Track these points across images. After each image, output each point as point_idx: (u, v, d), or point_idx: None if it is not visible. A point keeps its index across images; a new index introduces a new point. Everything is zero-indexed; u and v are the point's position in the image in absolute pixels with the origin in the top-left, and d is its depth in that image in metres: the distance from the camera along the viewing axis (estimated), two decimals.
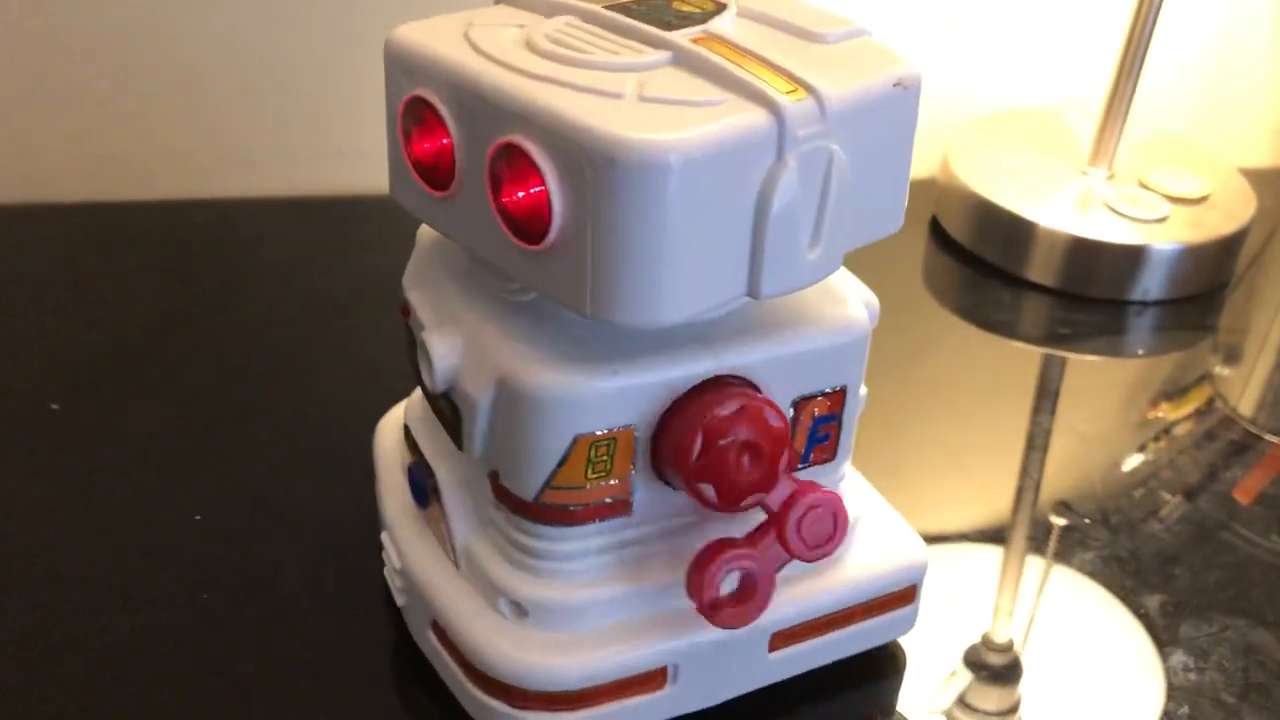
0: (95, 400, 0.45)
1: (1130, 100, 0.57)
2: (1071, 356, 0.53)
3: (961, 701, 0.36)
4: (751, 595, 0.30)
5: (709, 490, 0.29)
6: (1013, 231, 0.57)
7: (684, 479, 0.30)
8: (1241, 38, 0.70)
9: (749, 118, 0.26)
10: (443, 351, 0.30)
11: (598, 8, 0.30)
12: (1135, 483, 0.46)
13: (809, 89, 0.27)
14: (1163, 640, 0.38)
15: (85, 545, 0.39)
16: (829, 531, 0.31)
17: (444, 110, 0.28)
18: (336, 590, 0.38)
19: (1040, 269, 0.56)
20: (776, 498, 0.30)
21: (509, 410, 0.29)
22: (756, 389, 0.31)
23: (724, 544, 0.30)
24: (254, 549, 0.39)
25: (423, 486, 0.34)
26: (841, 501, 0.31)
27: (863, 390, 0.35)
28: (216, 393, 0.46)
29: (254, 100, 0.58)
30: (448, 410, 0.32)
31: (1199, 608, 0.40)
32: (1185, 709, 0.36)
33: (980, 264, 0.58)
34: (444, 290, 0.32)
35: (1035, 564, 0.41)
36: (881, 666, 0.37)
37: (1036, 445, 0.47)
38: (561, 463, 0.29)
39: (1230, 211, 0.58)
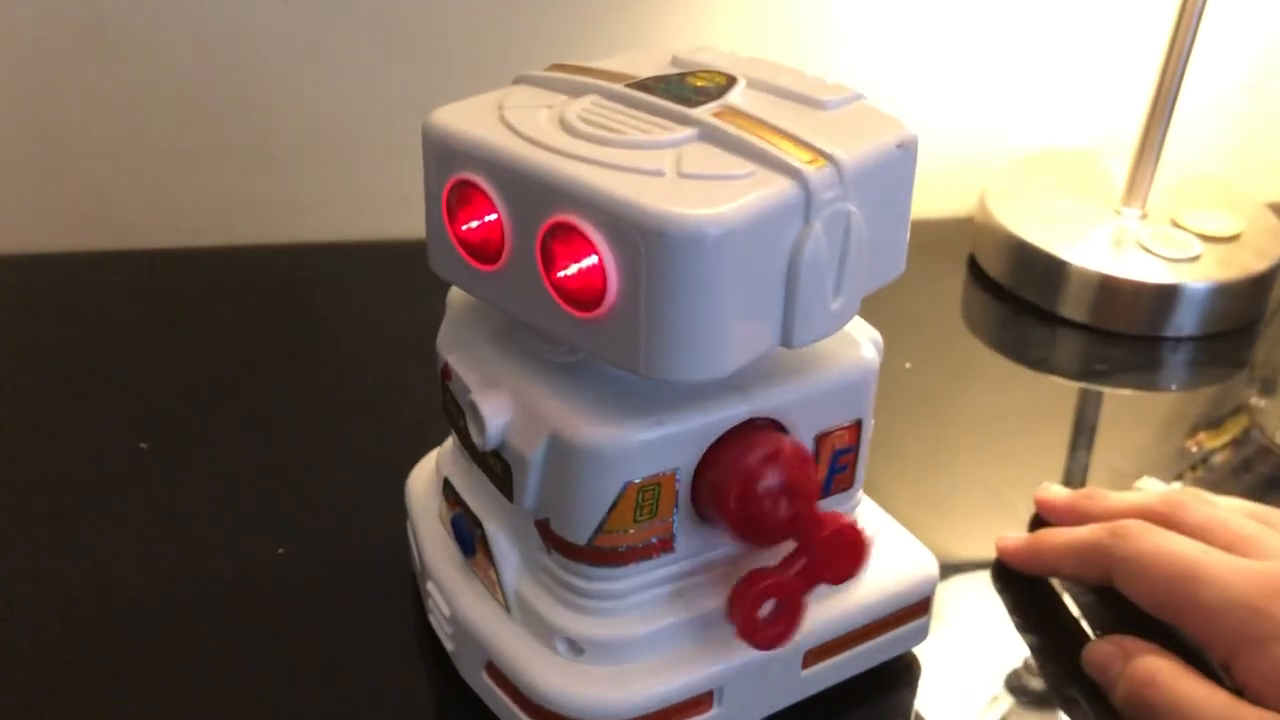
0: (181, 440, 0.48)
1: (1163, 142, 0.59)
2: (1107, 391, 0.55)
3: None
4: (786, 618, 0.33)
5: (748, 531, 0.32)
6: (1048, 270, 0.58)
7: (725, 521, 0.32)
8: (1271, 75, 0.71)
9: (779, 189, 0.29)
10: (492, 412, 0.32)
11: (620, 87, 0.32)
12: None
13: (828, 157, 0.30)
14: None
15: (171, 578, 0.41)
16: (854, 557, 0.34)
17: (491, 191, 0.30)
18: (396, 627, 0.40)
19: (1075, 307, 0.58)
20: (806, 530, 0.33)
21: (561, 463, 0.32)
22: (784, 428, 0.33)
23: (760, 574, 0.33)
24: (333, 582, 0.41)
25: (469, 536, 0.36)
26: (861, 529, 0.33)
27: (872, 420, 0.38)
28: (297, 432, 0.49)
29: (325, 149, 0.62)
30: (497, 467, 0.34)
31: None
32: None
33: (1017, 302, 0.60)
34: (483, 353, 0.34)
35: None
36: (900, 675, 0.39)
37: (1074, 479, 0.49)
38: (612, 509, 0.32)
39: (1262, 249, 0.60)
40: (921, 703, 0.38)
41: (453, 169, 0.31)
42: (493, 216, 0.31)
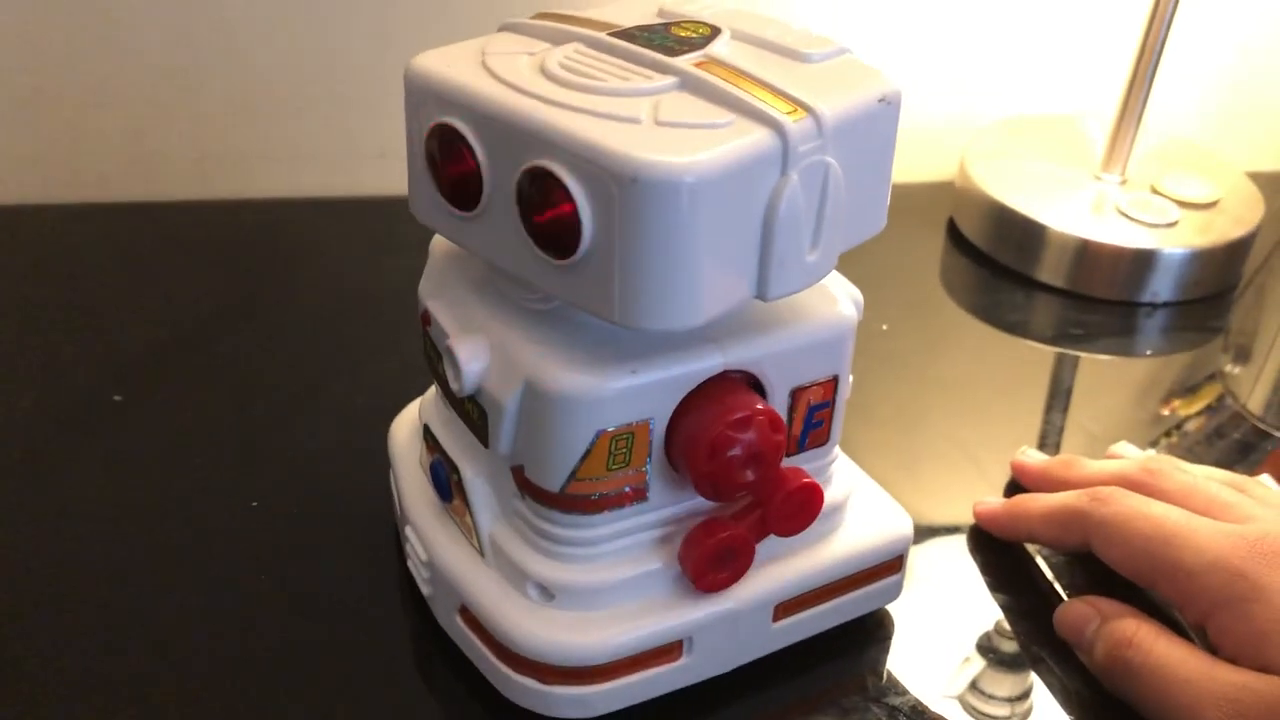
0: (155, 392, 0.48)
1: (1143, 108, 0.59)
2: (1083, 356, 0.55)
3: (974, 687, 0.38)
4: (735, 565, 0.34)
5: (711, 491, 0.32)
6: (1027, 235, 0.59)
7: (692, 478, 0.32)
8: (1251, 45, 0.71)
9: (756, 138, 0.29)
10: (468, 357, 0.32)
11: (603, 35, 0.32)
12: None
13: (807, 109, 0.30)
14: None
15: (146, 529, 0.41)
16: (807, 514, 0.34)
17: (470, 136, 0.30)
18: (376, 574, 0.40)
19: (1053, 271, 0.59)
20: (766, 489, 0.33)
21: (536, 410, 0.32)
22: (759, 382, 0.33)
23: (716, 524, 0.33)
24: (305, 534, 0.41)
25: (446, 482, 0.36)
26: (818, 487, 0.34)
27: (850, 377, 0.38)
28: (271, 385, 0.48)
29: (302, 104, 0.61)
30: (474, 412, 0.34)
31: None
32: None
33: (995, 266, 0.60)
34: (463, 299, 0.34)
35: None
36: (872, 632, 0.40)
37: (1049, 442, 0.49)
38: (585, 456, 0.32)
39: (1239, 216, 0.60)
40: (893, 661, 0.39)
41: (433, 114, 0.31)
42: (471, 162, 0.31)
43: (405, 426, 0.41)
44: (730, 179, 0.28)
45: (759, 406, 0.32)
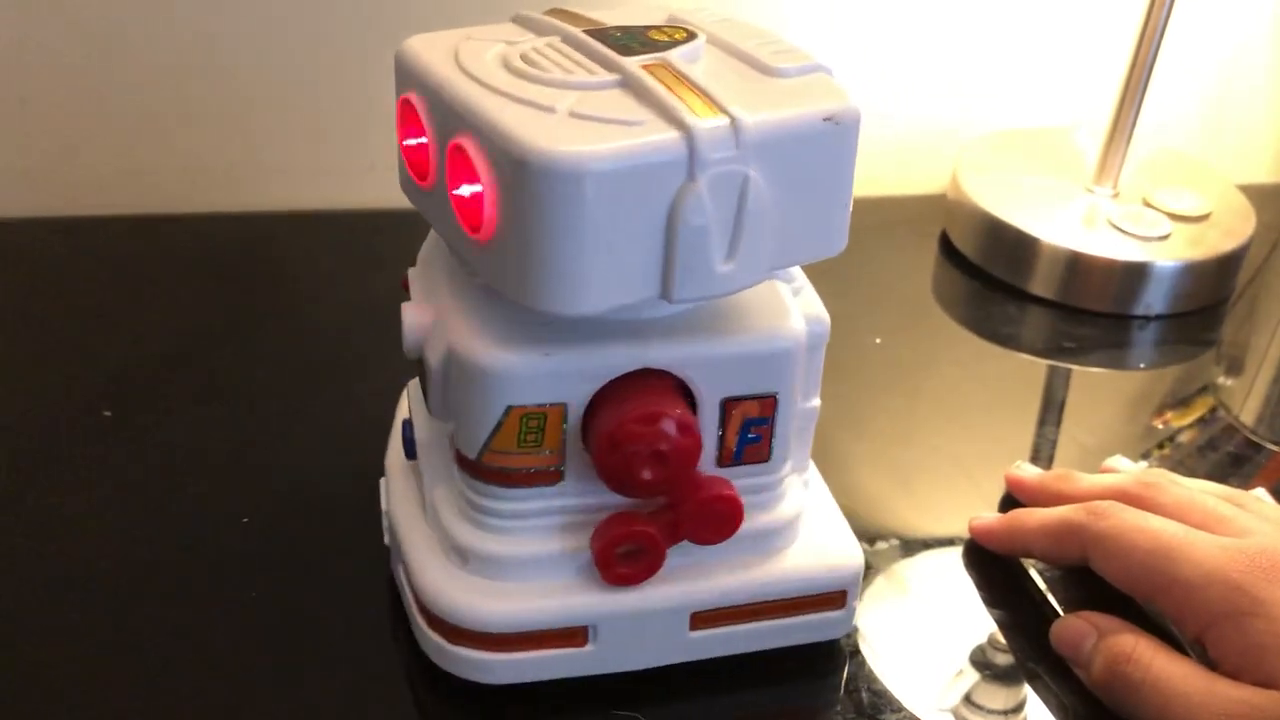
0: (146, 407, 0.47)
1: (1134, 121, 0.59)
2: (1076, 369, 0.55)
3: (969, 701, 0.38)
4: (644, 564, 0.34)
5: (614, 484, 0.33)
6: (1019, 247, 0.59)
7: (595, 467, 0.33)
8: (1242, 58, 0.71)
9: (660, 140, 0.29)
10: (409, 322, 0.34)
11: (578, 31, 0.34)
12: None
13: (729, 115, 0.30)
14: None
15: (137, 545, 0.41)
16: (723, 526, 0.34)
17: (421, 110, 0.32)
18: (366, 589, 0.40)
19: (1046, 284, 0.58)
20: (678, 491, 0.33)
21: (455, 377, 0.33)
22: (685, 386, 0.34)
23: (627, 517, 0.34)
24: (296, 549, 0.41)
25: (411, 440, 0.39)
26: (736, 502, 0.33)
27: (814, 402, 0.38)
28: (262, 398, 0.49)
29: (291, 117, 0.61)
30: (422, 374, 0.36)
31: None
32: None
33: (988, 278, 0.60)
34: (435, 270, 0.37)
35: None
36: (815, 665, 0.39)
37: (1042, 455, 0.49)
38: (496, 429, 0.33)
39: (1230, 229, 0.60)
40: (887, 676, 0.38)
41: (401, 87, 0.33)
42: (423, 134, 0.33)
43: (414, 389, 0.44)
44: (622, 174, 0.29)
45: (670, 409, 0.32)
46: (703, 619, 0.36)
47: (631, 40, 0.33)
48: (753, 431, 0.35)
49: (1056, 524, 0.39)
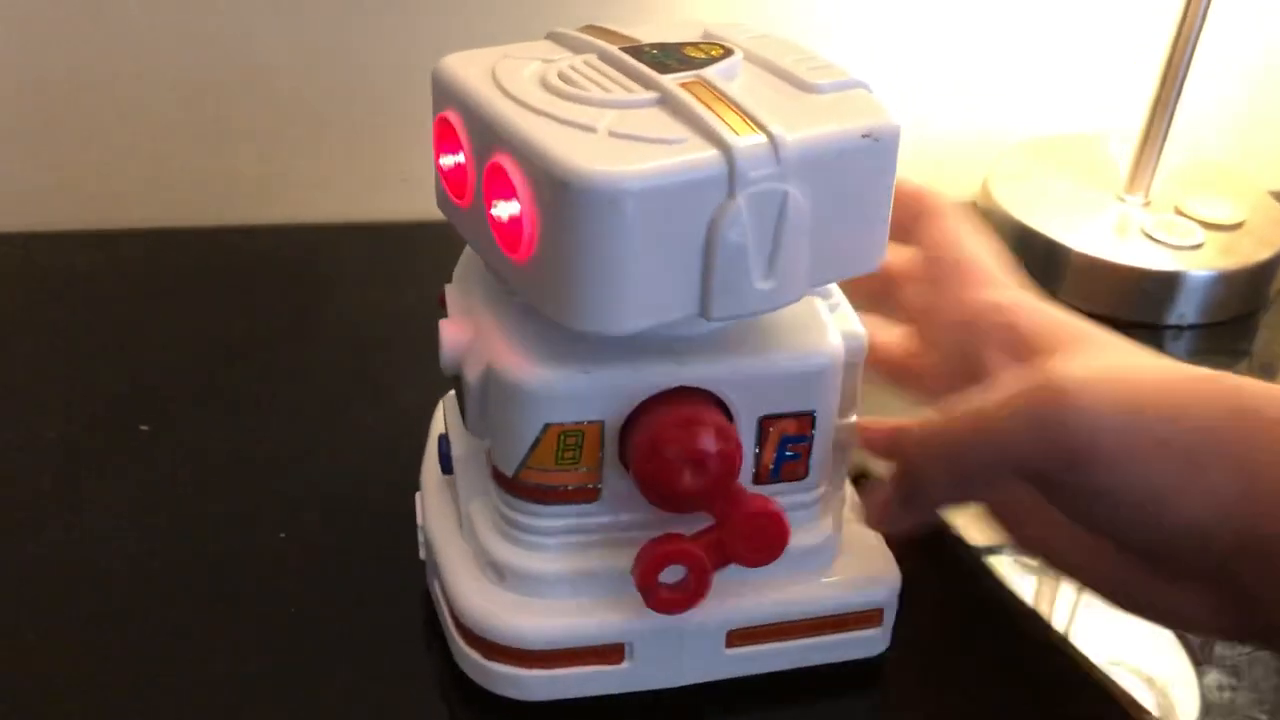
0: (183, 422, 0.48)
1: (1167, 129, 0.59)
2: None
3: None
4: (691, 587, 0.34)
5: (653, 494, 0.33)
6: (1050, 257, 0.58)
7: (636, 480, 0.33)
8: (1275, 63, 0.71)
9: (700, 158, 0.29)
10: (447, 339, 0.34)
11: (615, 48, 0.34)
12: None
13: (768, 133, 0.30)
14: (1199, 659, 0.40)
15: (174, 559, 0.41)
16: (770, 543, 0.34)
17: (460, 130, 0.32)
18: (402, 604, 0.40)
19: (1078, 293, 0.57)
20: (720, 507, 0.33)
21: (493, 394, 0.33)
22: (722, 403, 0.34)
23: (671, 537, 0.33)
24: (332, 563, 0.41)
25: (447, 455, 0.39)
26: (779, 517, 0.33)
27: (852, 419, 0.37)
28: (297, 412, 0.49)
29: (325, 129, 0.61)
30: (459, 391, 0.36)
31: None
32: None
33: None
34: (471, 286, 0.37)
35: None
36: (850, 680, 0.38)
37: None
38: (534, 446, 0.33)
39: (1264, 238, 0.60)
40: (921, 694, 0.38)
41: (439, 106, 0.33)
42: (461, 152, 0.33)
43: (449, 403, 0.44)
44: (664, 193, 0.29)
45: (708, 416, 0.32)
46: (739, 636, 0.36)
47: (668, 57, 0.33)
48: (790, 449, 0.35)
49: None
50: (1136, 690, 0.38)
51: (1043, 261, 0.59)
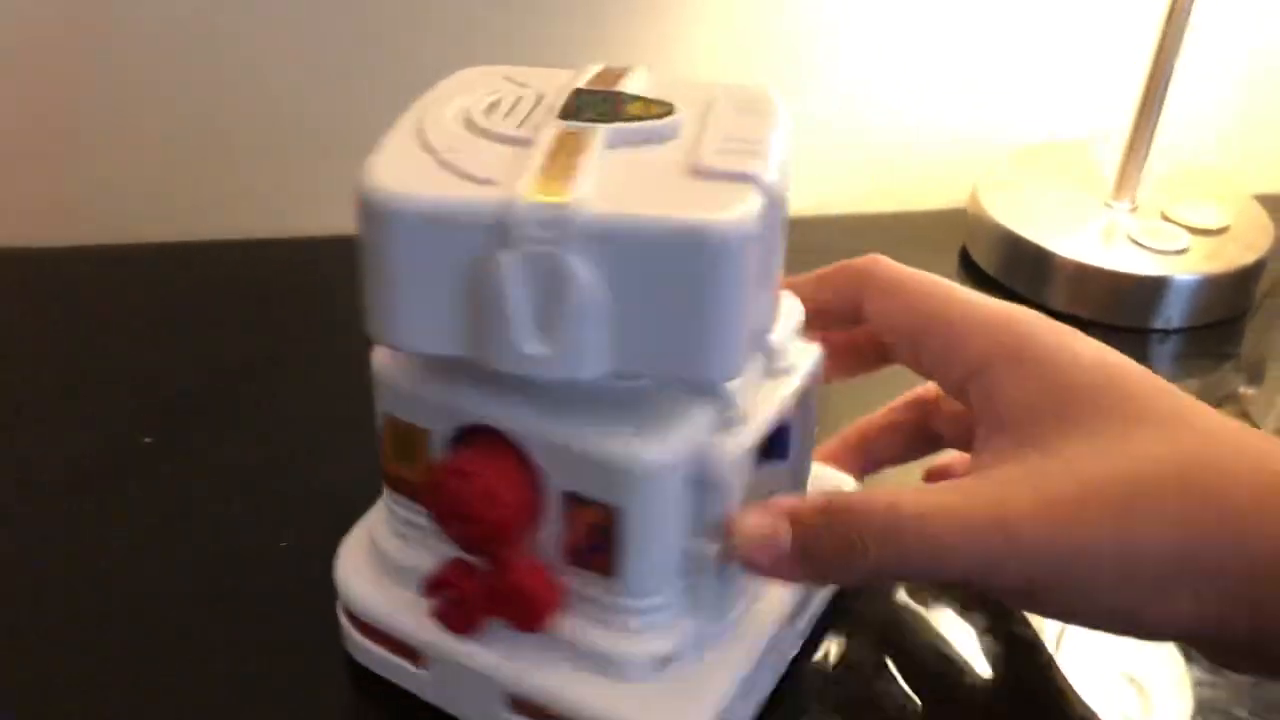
0: (187, 434, 0.48)
1: (1152, 135, 0.60)
2: None
3: None
4: (453, 612, 0.34)
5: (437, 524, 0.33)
6: (1038, 263, 0.60)
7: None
8: (1259, 70, 0.72)
9: (481, 200, 0.28)
10: None
11: (550, 90, 0.33)
12: None
13: (570, 199, 0.28)
14: (1186, 655, 0.40)
15: (179, 570, 0.42)
16: (527, 616, 0.33)
17: None
18: None
19: (1066, 299, 0.59)
20: (494, 563, 0.32)
21: None
22: (528, 459, 0.32)
23: (460, 564, 0.34)
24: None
25: None
26: (532, 594, 0.32)
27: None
28: (303, 424, 0.49)
29: (328, 143, 0.58)
30: None
31: None
32: None
33: (1008, 293, 0.60)
34: None
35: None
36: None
37: None
38: (382, 433, 0.35)
39: (1249, 242, 0.61)
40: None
41: None
42: None
43: None
44: (425, 221, 0.29)
45: (487, 473, 0.32)
46: (523, 707, 0.35)
47: (598, 107, 0.32)
48: (595, 540, 0.33)
49: (835, 270, 0.37)
50: (1121, 688, 0.39)
51: (1031, 267, 0.60)
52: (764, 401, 0.34)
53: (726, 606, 0.35)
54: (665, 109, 0.32)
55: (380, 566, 0.37)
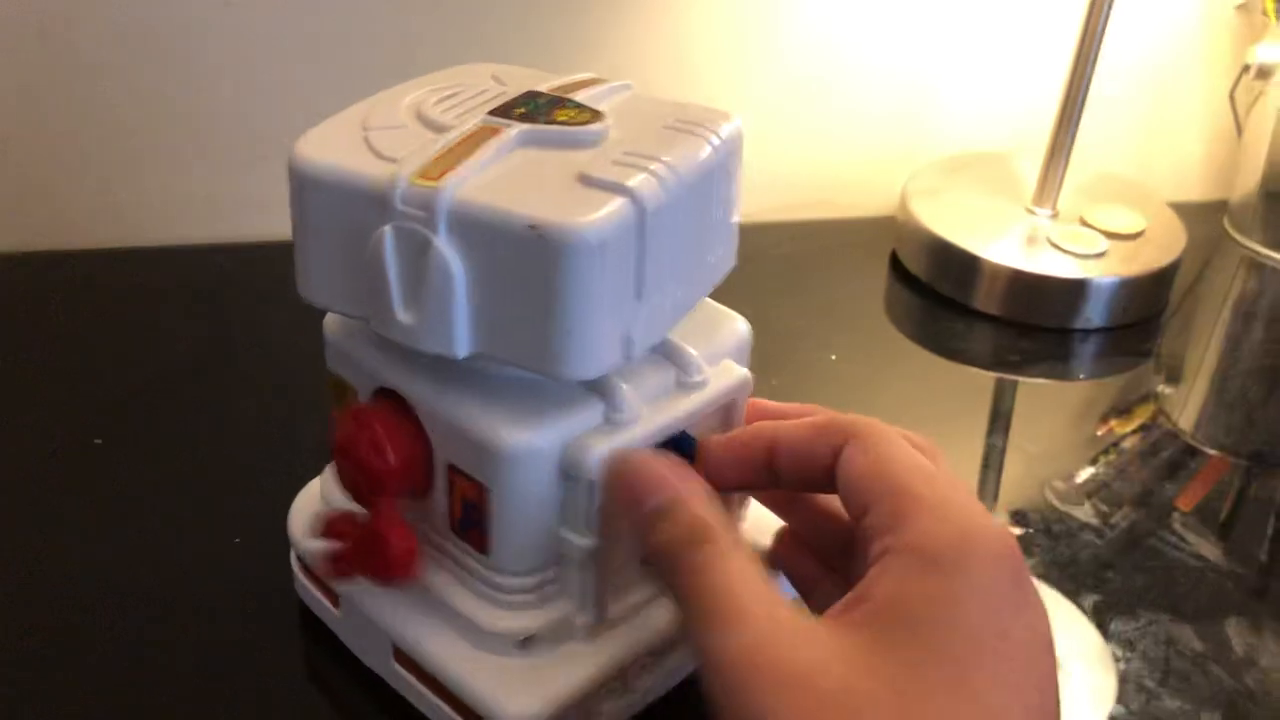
0: (136, 435, 0.48)
1: (1070, 145, 0.63)
2: (1021, 381, 0.58)
3: None
4: (339, 555, 0.36)
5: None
6: (965, 267, 0.63)
7: None
8: (1171, 84, 0.77)
9: (370, 175, 0.31)
10: None
11: (499, 90, 0.35)
12: (1080, 495, 0.50)
13: (440, 184, 0.30)
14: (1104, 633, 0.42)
15: (130, 569, 0.42)
16: (377, 566, 0.35)
17: None
18: None
19: (991, 301, 0.62)
20: (370, 508, 0.35)
21: None
22: (420, 426, 0.34)
23: (348, 516, 0.36)
24: (288, 572, 0.41)
25: None
26: (390, 543, 0.34)
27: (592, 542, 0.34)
28: (250, 425, 0.50)
29: (272, 148, 0.59)
30: None
31: (1128, 605, 0.44)
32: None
33: (936, 296, 0.63)
34: None
35: None
36: None
37: (990, 463, 0.52)
38: (327, 383, 0.38)
39: (1164, 246, 0.64)
40: None
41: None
42: None
43: None
44: (326, 188, 0.32)
45: (384, 423, 0.34)
46: (403, 661, 0.37)
47: (529, 107, 0.34)
48: (472, 515, 0.34)
49: (824, 418, 0.34)
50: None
51: (958, 271, 0.63)
52: (661, 411, 0.34)
53: (602, 601, 0.35)
54: (591, 118, 0.33)
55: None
